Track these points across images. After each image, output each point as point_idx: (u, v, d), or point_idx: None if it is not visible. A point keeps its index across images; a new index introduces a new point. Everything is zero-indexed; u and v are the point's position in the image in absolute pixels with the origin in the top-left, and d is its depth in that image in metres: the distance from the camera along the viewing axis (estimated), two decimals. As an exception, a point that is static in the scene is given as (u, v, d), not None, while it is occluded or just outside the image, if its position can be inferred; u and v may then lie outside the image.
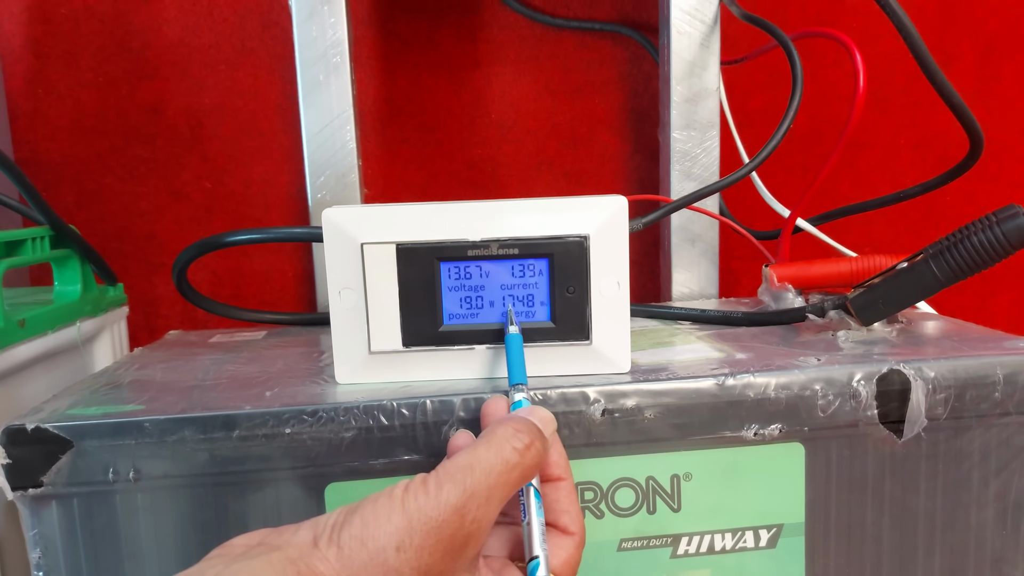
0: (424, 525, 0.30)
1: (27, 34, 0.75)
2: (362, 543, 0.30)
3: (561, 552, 0.35)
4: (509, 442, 0.33)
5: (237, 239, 0.52)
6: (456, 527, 0.30)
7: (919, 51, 0.51)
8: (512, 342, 0.40)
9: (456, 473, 0.31)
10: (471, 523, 0.31)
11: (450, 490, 0.31)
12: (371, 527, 0.30)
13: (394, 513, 0.30)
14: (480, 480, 0.31)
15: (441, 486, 0.31)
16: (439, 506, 0.30)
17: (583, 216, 0.42)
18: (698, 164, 0.69)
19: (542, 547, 0.33)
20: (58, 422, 0.38)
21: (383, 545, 0.29)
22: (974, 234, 0.44)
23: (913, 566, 0.43)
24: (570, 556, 0.35)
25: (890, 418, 0.42)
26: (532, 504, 0.34)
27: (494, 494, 0.32)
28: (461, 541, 0.31)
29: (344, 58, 0.65)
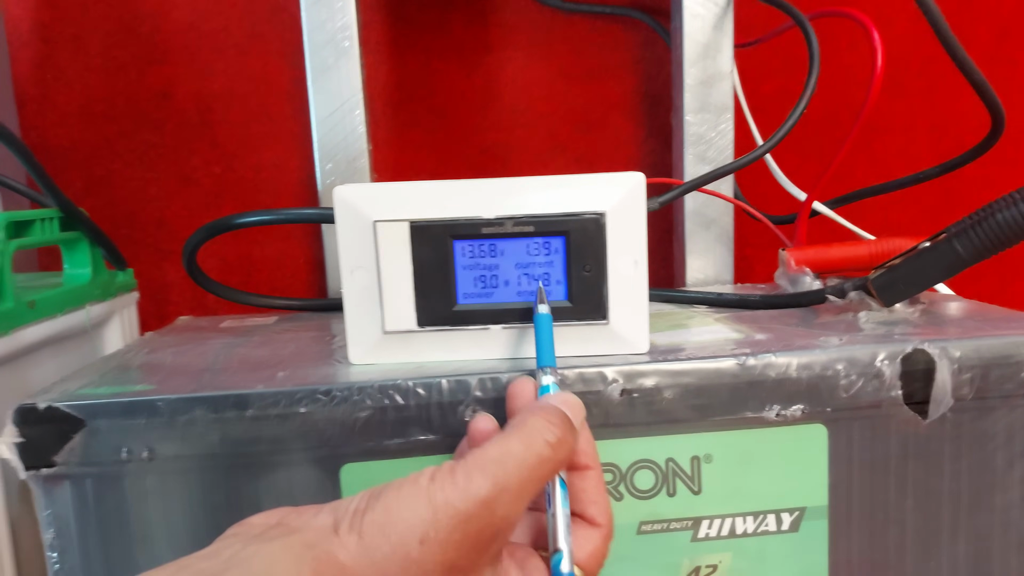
0: (451, 519, 0.28)
1: (35, 19, 0.75)
2: (384, 533, 0.28)
3: (587, 544, 0.33)
4: (542, 435, 0.31)
5: (247, 221, 0.51)
6: (485, 522, 0.29)
7: (939, 25, 0.50)
8: (542, 322, 0.39)
9: (487, 465, 0.30)
10: (500, 519, 0.29)
11: (480, 483, 0.29)
12: (394, 516, 0.28)
13: (419, 503, 0.29)
14: (512, 474, 0.30)
15: (471, 478, 0.29)
16: (468, 499, 0.29)
17: (600, 193, 0.41)
18: (712, 147, 0.69)
19: (566, 540, 0.32)
20: (70, 401, 0.38)
21: (406, 537, 0.28)
22: (998, 211, 0.43)
23: (937, 549, 0.43)
24: (596, 548, 0.34)
25: (914, 399, 0.41)
26: (557, 495, 0.33)
27: (525, 489, 0.30)
28: (489, 536, 0.29)
29: (353, 42, 0.65)
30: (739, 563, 0.41)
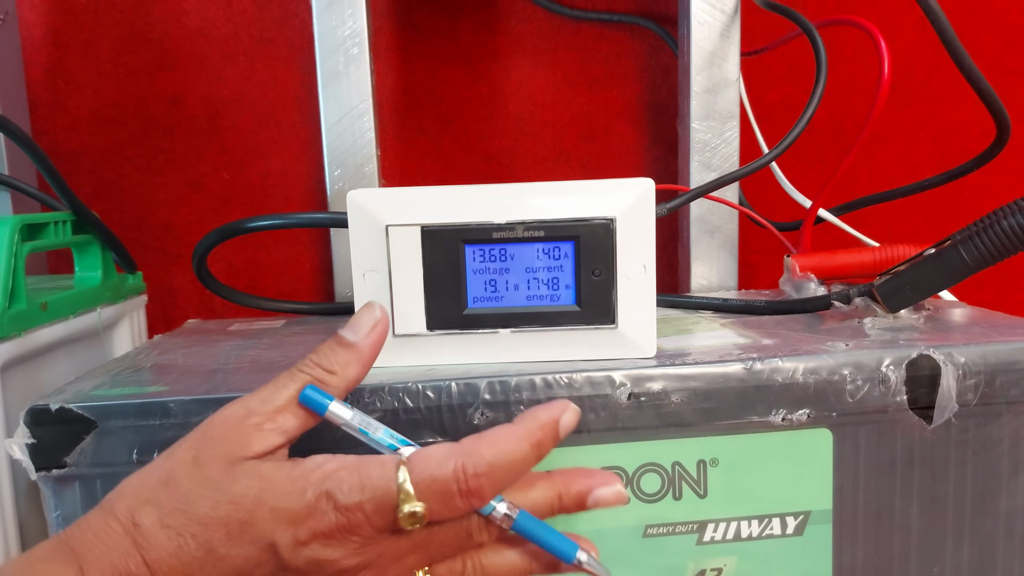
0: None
1: (47, 24, 0.76)
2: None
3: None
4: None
5: (259, 224, 0.52)
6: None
7: (945, 34, 0.51)
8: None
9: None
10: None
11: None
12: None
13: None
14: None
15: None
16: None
17: (609, 199, 0.42)
18: (718, 155, 0.69)
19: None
20: (83, 402, 0.38)
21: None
22: (1003, 219, 0.43)
23: (942, 554, 0.43)
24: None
25: (919, 404, 0.41)
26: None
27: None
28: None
29: (363, 48, 0.65)
30: (744, 566, 0.42)
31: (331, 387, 0.35)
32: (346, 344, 0.36)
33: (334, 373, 0.35)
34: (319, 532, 0.32)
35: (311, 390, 0.34)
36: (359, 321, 0.36)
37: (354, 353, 0.36)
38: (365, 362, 0.36)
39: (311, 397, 0.34)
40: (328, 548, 0.32)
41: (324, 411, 0.34)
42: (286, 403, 0.34)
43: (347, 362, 0.35)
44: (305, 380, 0.35)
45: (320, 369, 0.35)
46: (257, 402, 0.34)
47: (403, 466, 0.33)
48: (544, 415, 0.35)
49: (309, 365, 0.35)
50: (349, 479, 0.32)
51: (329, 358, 0.35)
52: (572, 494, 0.36)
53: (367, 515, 0.32)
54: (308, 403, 0.34)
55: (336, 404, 0.35)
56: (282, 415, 0.34)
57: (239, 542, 0.32)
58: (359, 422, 0.35)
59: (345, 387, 0.35)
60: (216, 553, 0.32)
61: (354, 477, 0.32)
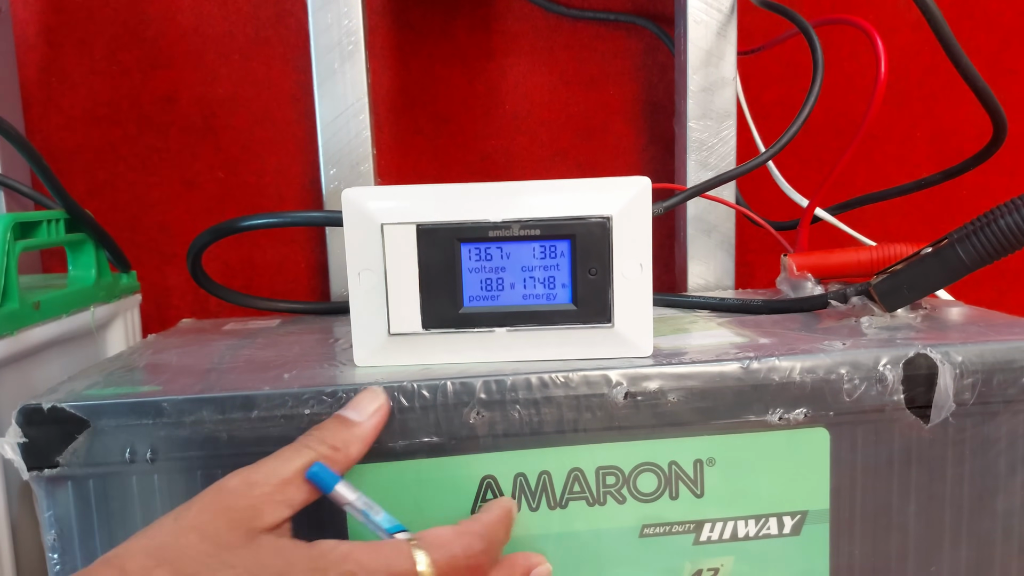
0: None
1: (41, 22, 0.75)
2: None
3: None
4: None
5: (253, 223, 0.51)
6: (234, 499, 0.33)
7: (942, 32, 0.50)
8: None
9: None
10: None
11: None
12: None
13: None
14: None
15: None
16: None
17: (606, 197, 0.41)
18: (715, 154, 0.69)
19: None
20: (75, 402, 0.38)
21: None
22: (1001, 217, 0.43)
23: (939, 554, 0.43)
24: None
25: (916, 403, 0.41)
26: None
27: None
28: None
29: (359, 46, 0.65)
30: (741, 566, 0.41)
31: (335, 464, 0.36)
32: (349, 424, 0.37)
33: (338, 450, 0.36)
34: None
35: (319, 468, 0.35)
36: (362, 402, 0.38)
37: (357, 433, 0.37)
38: (366, 442, 0.37)
39: (320, 475, 0.35)
40: None
41: (330, 490, 0.35)
42: (292, 476, 0.34)
43: (350, 441, 0.36)
44: (311, 456, 0.35)
45: (325, 446, 0.36)
46: (263, 474, 0.34)
47: (417, 548, 0.34)
48: (505, 503, 0.39)
49: (315, 440, 0.36)
50: (369, 560, 0.33)
51: (334, 436, 0.36)
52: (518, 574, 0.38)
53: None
54: (316, 480, 0.35)
55: (343, 484, 0.35)
56: (288, 488, 0.34)
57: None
58: (363, 504, 0.36)
59: (346, 465, 0.36)
60: None
61: (374, 558, 0.33)
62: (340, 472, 0.36)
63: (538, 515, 0.40)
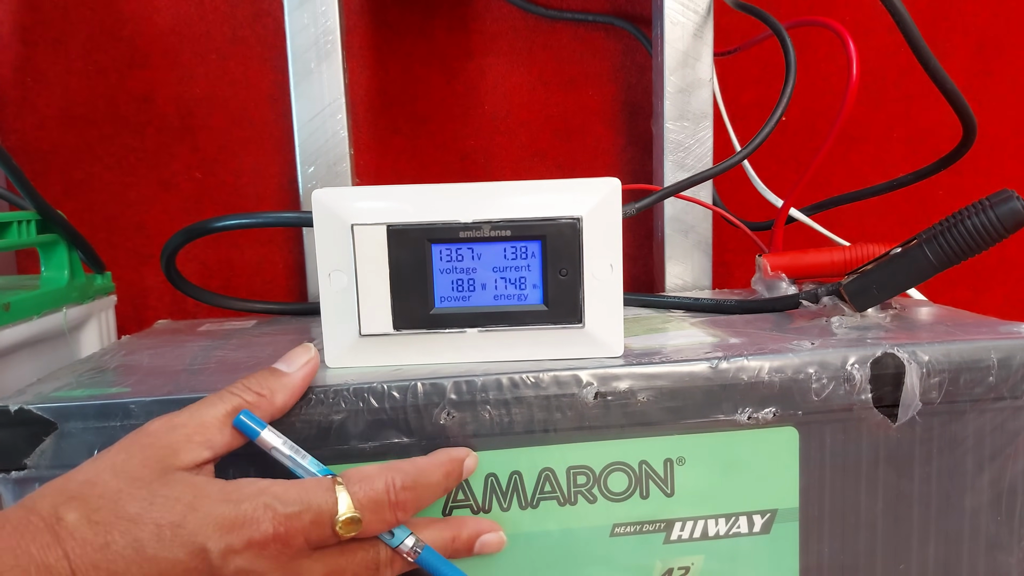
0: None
1: (15, 21, 0.75)
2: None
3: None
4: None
5: (226, 224, 0.51)
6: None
7: (911, 35, 0.51)
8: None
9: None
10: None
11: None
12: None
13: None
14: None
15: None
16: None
17: (576, 198, 0.41)
18: (691, 155, 0.69)
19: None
20: (43, 404, 0.38)
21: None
22: (968, 218, 0.43)
23: (907, 551, 0.43)
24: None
25: (884, 402, 0.41)
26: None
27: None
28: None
29: (336, 45, 0.65)
30: (711, 565, 0.42)
31: (260, 410, 0.36)
32: (278, 373, 0.38)
33: (263, 397, 0.37)
34: (254, 541, 0.33)
35: (245, 414, 0.36)
36: (293, 356, 0.39)
37: (284, 382, 0.38)
38: (294, 392, 0.38)
39: (245, 421, 0.36)
40: (260, 559, 0.33)
41: (257, 435, 0.36)
42: (214, 420, 0.35)
43: (276, 389, 0.37)
44: (236, 402, 0.36)
45: (251, 392, 0.36)
46: (186, 416, 0.35)
47: (339, 483, 0.35)
48: (453, 451, 0.39)
49: (240, 388, 0.37)
50: (288, 492, 0.34)
51: (260, 383, 0.37)
52: (464, 537, 0.38)
53: (304, 526, 0.33)
54: (242, 427, 0.35)
55: (268, 430, 0.36)
56: (210, 430, 0.35)
57: (170, 544, 0.32)
58: (289, 448, 0.36)
59: (272, 412, 0.37)
60: (145, 553, 0.31)
61: (292, 491, 0.34)
62: (267, 419, 0.36)
63: (509, 515, 0.40)
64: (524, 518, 0.40)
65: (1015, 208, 0.42)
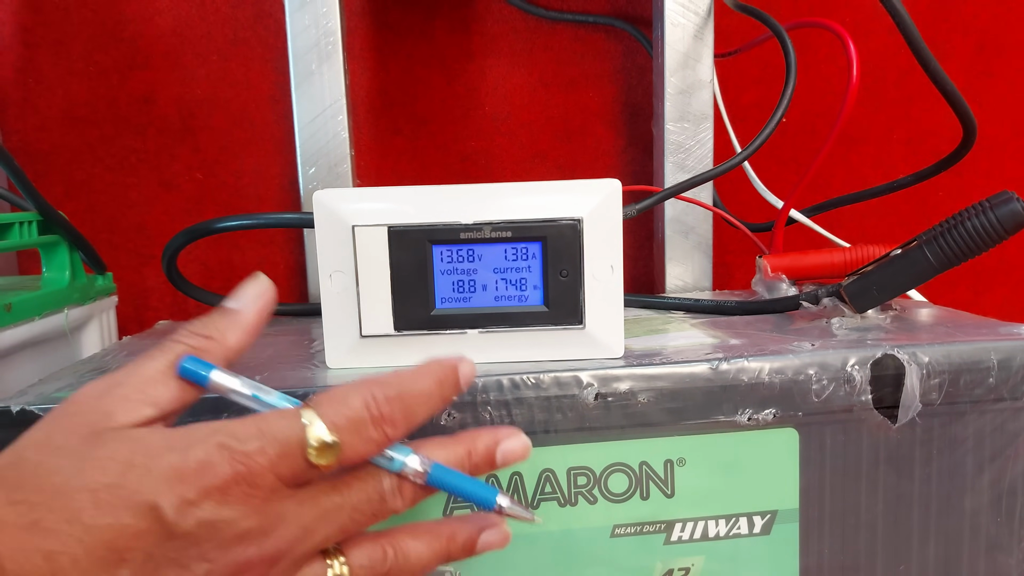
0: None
1: (17, 22, 0.75)
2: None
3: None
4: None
5: (228, 225, 0.51)
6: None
7: (911, 36, 0.51)
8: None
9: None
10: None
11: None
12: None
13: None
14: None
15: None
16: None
17: (577, 199, 0.42)
18: (692, 156, 0.69)
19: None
20: (45, 404, 0.38)
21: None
22: (968, 219, 0.44)
23: (907, 552, 0.43)
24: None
25: (884, 403, 0.41)
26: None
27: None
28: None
29: (337, 47, 0.65)
30: (711, 566, 0.42)
31: (209, 354, 0.32)
32: (226, 311, 0.34)
33: (211, 339, 0.32)
34: (212, 487, 0.28)
35: (190, 361, 0.31)
36: (243, 290, 0.35)
37: (235, 319, 0.33)
38: (247, 329, 0.33)
39: (190, 367, 0.31)
40: (224, 506, 0.28)
41: (206, 381, 0.31)
42: (156, 374, 0.31)
43: (226, 327, 0.33)
44: (179, 349, 0.31)
45: (196, 336, 0.32)
46: (122, 375, 0.31)
47: (307, 408, 0.30)
48: (443, 358, 0.34)
49: (183, 334, 0.32)
50: (244, 428, 0.29)
51: (206, 325, 0.33)
52: (480, 450, 0.34)
53: (270, 460, 0.29)
54: (188, 375, 0.31)
55: (219, 372, 0.31)
56: (151, 386, 0.31)
57: (110, 509, 0.27)
58: (250, 387, 0.32)
59: (224, 354, 0.33)
60: (82, 523, 0.27)
61: (250, 425, 0.29)
62: (220, 363, 0.32)
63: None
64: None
65: (1015, 209, 0.42)
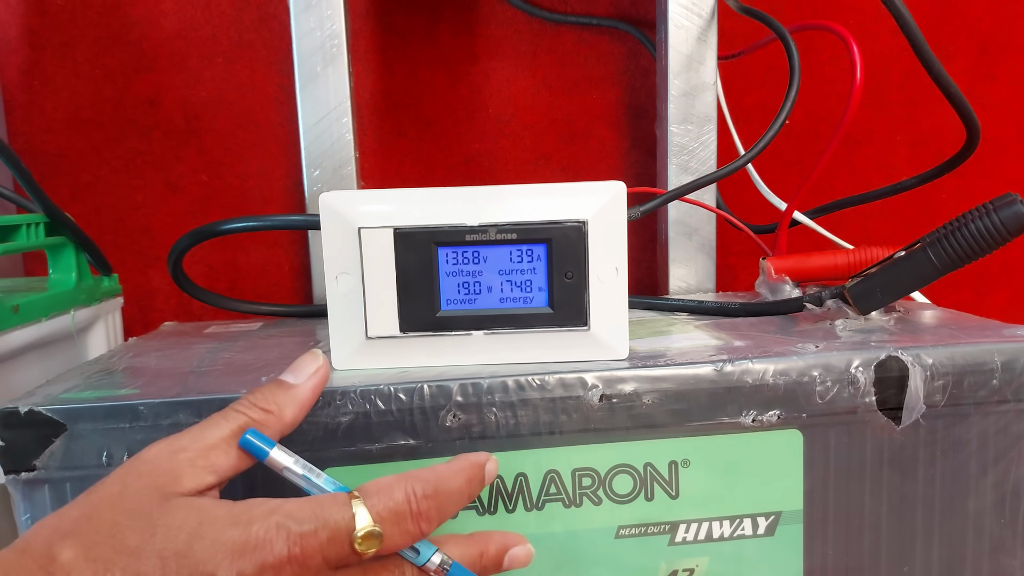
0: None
1: (23, 25, 0.75)
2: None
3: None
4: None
5: (233, 227, 0.51)
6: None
7: (915, 38, 0.51)
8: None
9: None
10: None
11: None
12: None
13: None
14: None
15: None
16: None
17: (582, 201, 0.42)
18: (695, 158, 0.69)
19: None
20: (52, 405, 0.38)
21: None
22: (972, 221, 0.44)
23: (911, 554, 0.43)
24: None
25: (888, 405, 0.42)
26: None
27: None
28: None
29: (341, 49, 0.65)
30: (716, 567, 0.42)
31: (267, 428, 0.34)
32: (285, 386, 0.36)
33: (270, 413, 0.35)
34: (267, 564, 0.30)
35: (252, 434, 0.33)
36: (300, 365, 0.37)
37: (292, 395, 0.36)
38: (303, 405, 0.36)
39: (252, 440, 0.33)
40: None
41: (266, 455, 0.34)
42: (219, 441, 0.33)
43: (284, 403, 0.35)
44: (241, 420, 0.34)
45: (257, 409, 0.34)
46: (188, 439, 0.33)
47: (355, 497, 0.33)
48: (473, 456, 0.37)
49: (245, 405, 0.35)
50: (301, 510, 0.32)
51: (267, 398, 0.35)
52: (492, 552, 0.36)
53: (321, 544, 0.31)
54: (249, 447, 0.33)
55: (278, 449, 0.34)
56: (214, 453, 0.33)
57: (176, 575, 0.30)
58: (302, 468, 0.34)
59: (281, 429, 0.35)
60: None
61: (306, 508, 0.32)
62: (275, 437, 0.34)
63: (515, 517, 0.40)
64: (529, 520, 0.40)
65: (1018, 212, 0.43)
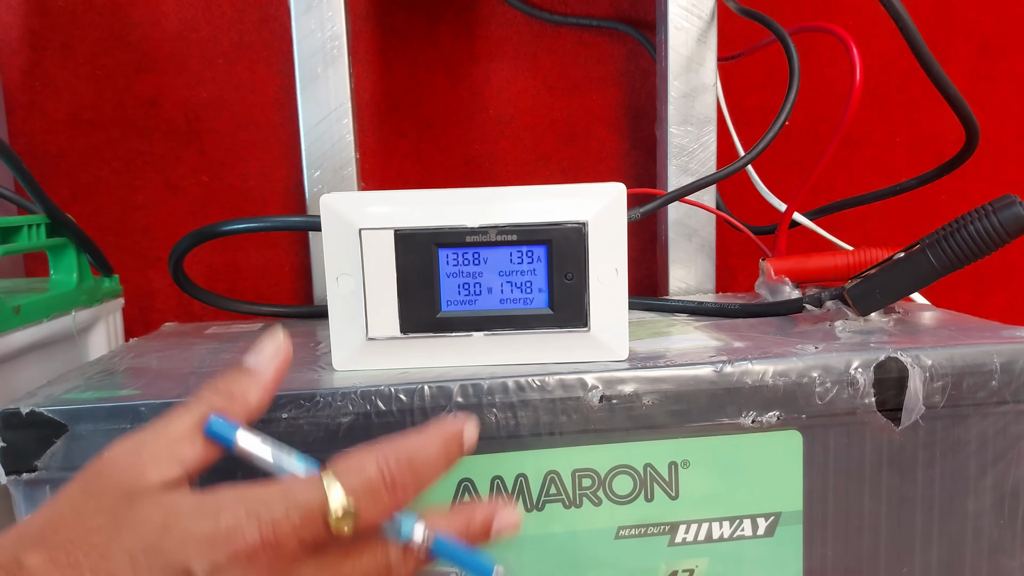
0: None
1: (24, 26, 0.75)
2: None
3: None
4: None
5: (234, 228, 0.52)
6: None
7: (914, 40, 0.51)
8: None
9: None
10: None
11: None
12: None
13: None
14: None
15: None
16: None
17: (582, 203, 0.42)
18: (695, 159, 0.70)
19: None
20: (53, 406, 0.38)
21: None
22: (971, 223, 0.44)
23: (910, 555, 0.43)
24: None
25: (887, 406, 0.42)
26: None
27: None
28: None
29: (342, 51, 0.65)
30: (715, 567, 0.42)
31: (232, 414, 0.33)
32: (247, 371, 0.35)
33: (234, 399, 0.34)
34: (240, 553, 0.29)
35: (217, 422, 0.32)
36: (261, 347, 0.35)
37: (255, 379, 0.34)
38: (267, 388, 0.35)
39: (216, 427, 0.32)
40: (251, 571, 0.30)
41: (232, 439, 0.32)
42: (183, 432, 0.32)
43: (247, 388, 0.34)
44: (204, 408, 0.33)
45: (219, 396, 0.33)
46: (151, 433, 0.32)
47: (326, 473, 0.31)
48: (448, 423, 0.35)
49: (207, 392, 0.34)
50: (270, 494, 0.30)
51: (229, 384, 0.34)
52: (478, 522, 0.35)
53: (295, 527, 0.30)
54: (213, 434, 0.32)
55: (243, 432, 0.33)
56: (179, 445, 0.32)
57: (146, 571, 0.29)
58: (272, 444, 0.33)
59: (247, 414, 0.34)
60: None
61: (276, 491, 0.31)
62: (242, 422, 0.33)
63: (515, 517, 0.40)
64: (529, 521, 0.41)
65: (1017, 213, 0.43)
